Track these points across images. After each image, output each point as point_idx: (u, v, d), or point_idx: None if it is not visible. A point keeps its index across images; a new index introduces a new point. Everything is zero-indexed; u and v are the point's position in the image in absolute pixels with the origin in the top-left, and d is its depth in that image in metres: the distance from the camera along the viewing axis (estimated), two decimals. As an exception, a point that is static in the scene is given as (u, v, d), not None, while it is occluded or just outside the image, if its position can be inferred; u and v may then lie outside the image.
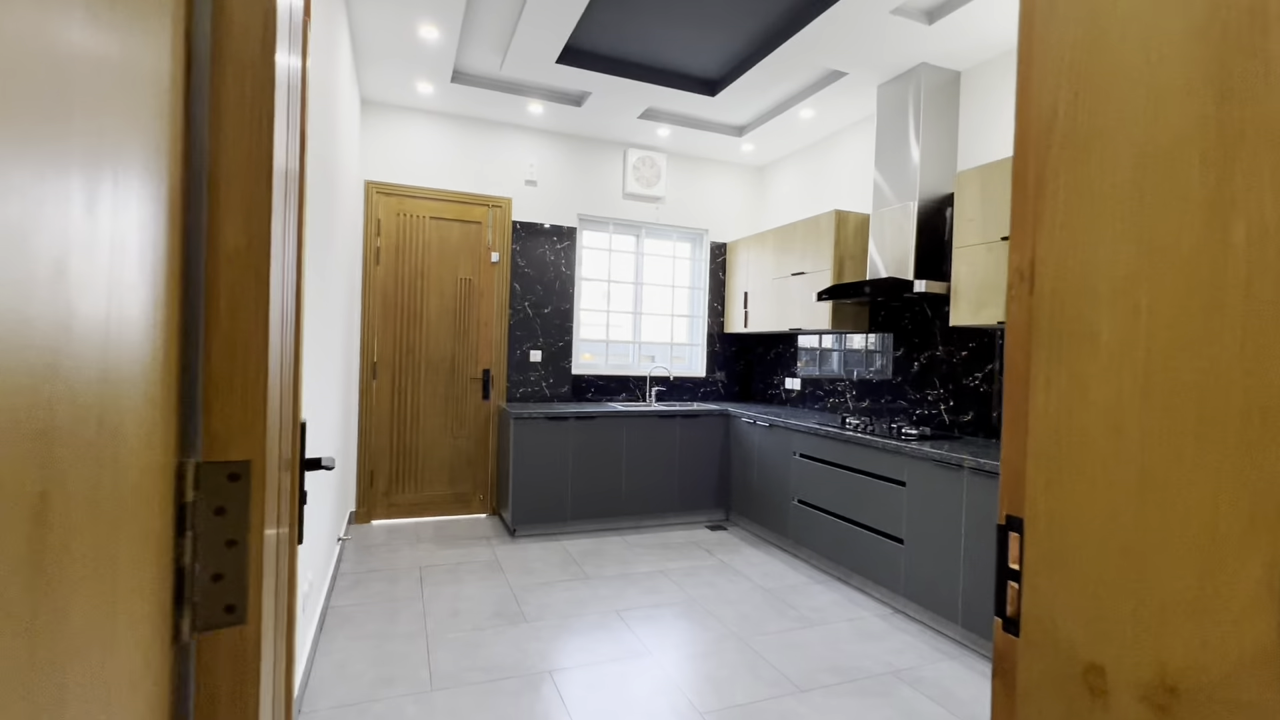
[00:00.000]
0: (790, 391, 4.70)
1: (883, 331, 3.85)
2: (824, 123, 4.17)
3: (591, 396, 4.65)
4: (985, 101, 3.22)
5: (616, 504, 4.11)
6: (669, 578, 3.30)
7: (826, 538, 3.40)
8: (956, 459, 2.61)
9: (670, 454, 4.25)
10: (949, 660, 2.51)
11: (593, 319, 4.77)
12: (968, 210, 2.93)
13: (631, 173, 4.70)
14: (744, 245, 4.78)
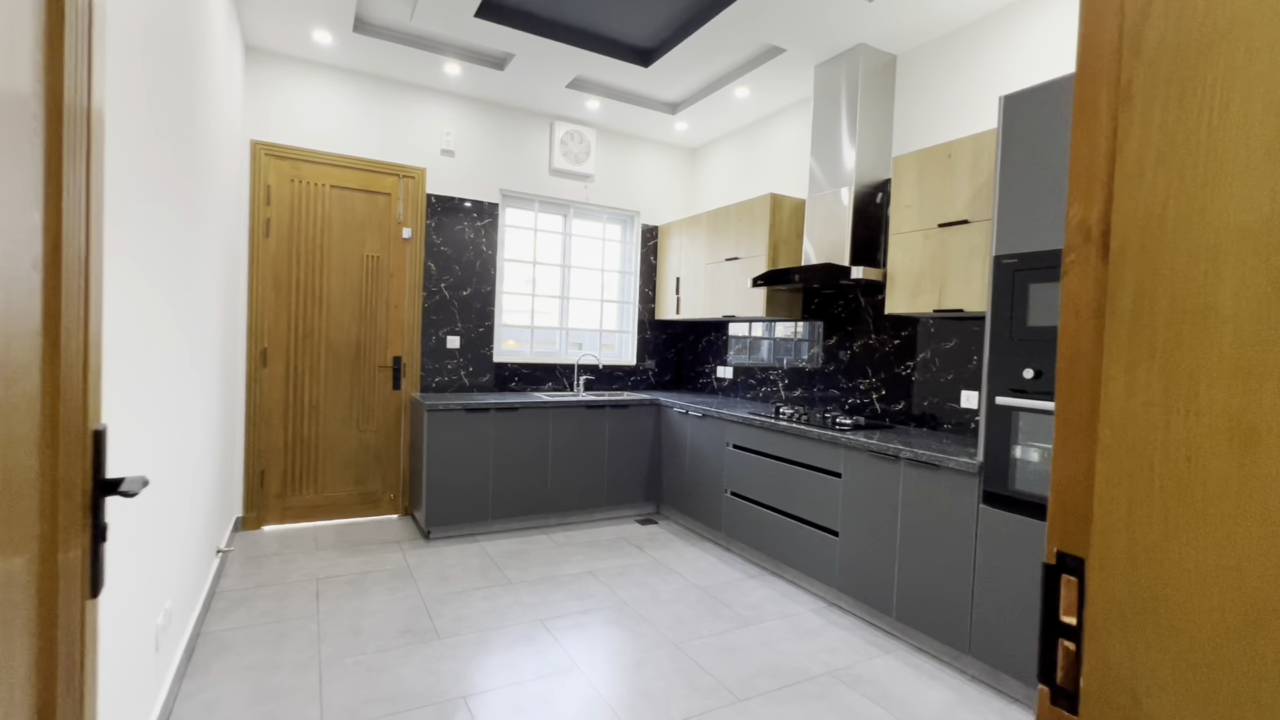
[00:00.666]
0: (722, 380, 4.60)
1: (815, 319, 3.79)
2: (760, 103, 4.04)
3: (515, 386, 4.36)
4: (920, 87, 3.18)
5: (542, 500, 3.86)
6: (599, 579, 3.10)
7: (760, 531, 3.31)
8: (893, 450, 2.55)
9: (599, 446, 4.04)
10: (884, 655, 2.45)
11: (517, 303, 4.46)
12: (905, 196, 2.87)
13: (559, 148, 4.40)
14: (676, 229, 4.61)
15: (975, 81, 2.91)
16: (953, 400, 2.97)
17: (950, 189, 2.66)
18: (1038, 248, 2.08)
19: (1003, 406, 2.17)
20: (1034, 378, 2.08)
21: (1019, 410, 2.12)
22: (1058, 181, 2.03)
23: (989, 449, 2.22)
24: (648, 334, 4.89)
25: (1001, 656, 2.17)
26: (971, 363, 2.88)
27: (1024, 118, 2.14)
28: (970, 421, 2.88)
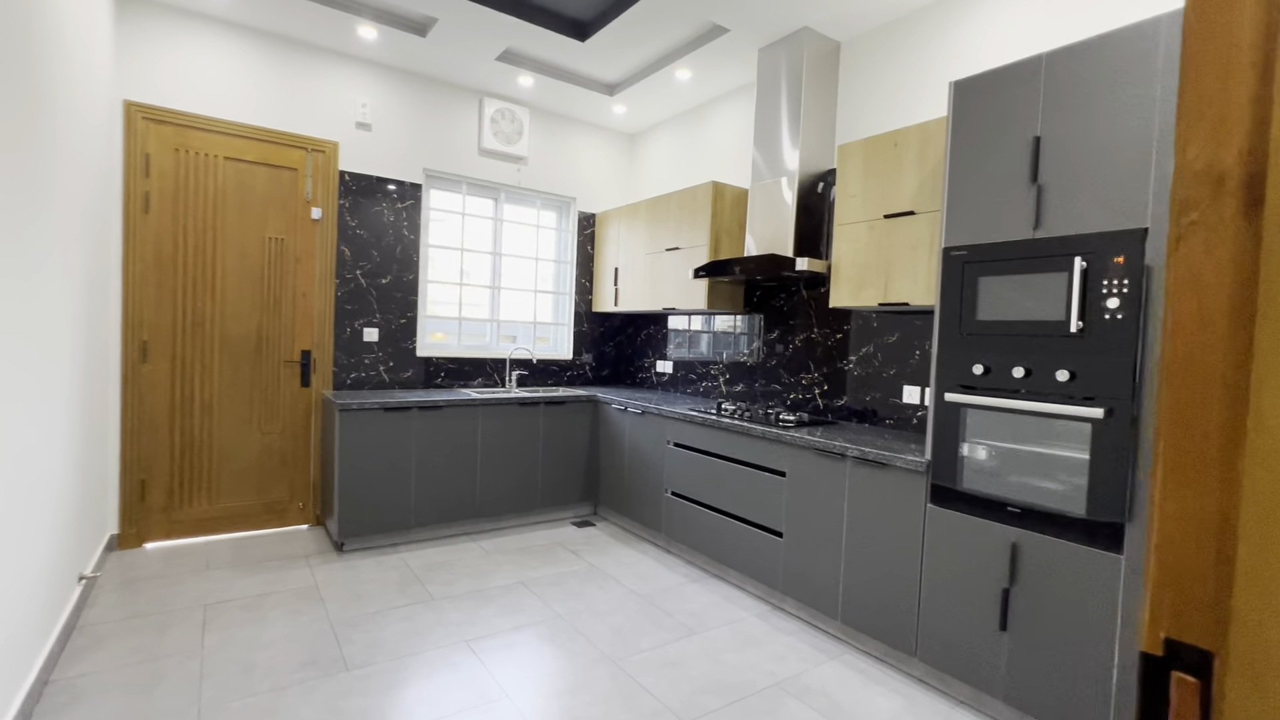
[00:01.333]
0: (662, 375, 4.45)
1: (757, 312, 3.69)
2: (702, 87, 3.89)
3: (442, 382, 4.04)
4: (864, 76, 3.11)
5: (471, 505, 3.59)
6: (531, 590, 2.88)
7: (702, 532, 3.18)
8: (839, 448, 2.47)
9: (533, 445, 3.80)
10: (831, 661, 2.37)
11: (443, 293, 4.14)
12: (850, 186, 2.78)
13: (489, 126, 4.10)
14: (615, 217, 4.41)
15: (920, 70, 2.86)
16: (895, 396, 2.92)
17: (896, 179, 2.59)
18: (988, 239, 2.02)
19: (952, 403, 2.11)
20: (984, 373, 2.02)
21: (968, 407, 2.06)
22: (1009, 171, 1.97)
23: (937, 446, 2.15)
24: (585, 326, 4.67)
25: (948, 659, 2.11)
26: (914, 357, 2.84)
27: (975, 104, 2.06)
28: (912, 417, 2.84)
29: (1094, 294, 1.76)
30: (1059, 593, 1.84)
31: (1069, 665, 1.81)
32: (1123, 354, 1.71)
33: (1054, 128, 1.86)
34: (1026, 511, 1.91)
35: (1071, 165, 1.82)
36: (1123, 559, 1.71)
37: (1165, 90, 1.64)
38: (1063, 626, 1.83)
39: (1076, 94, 1.82)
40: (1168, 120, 1.64)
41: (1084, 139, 1.80)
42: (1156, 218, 1.65)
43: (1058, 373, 1.83)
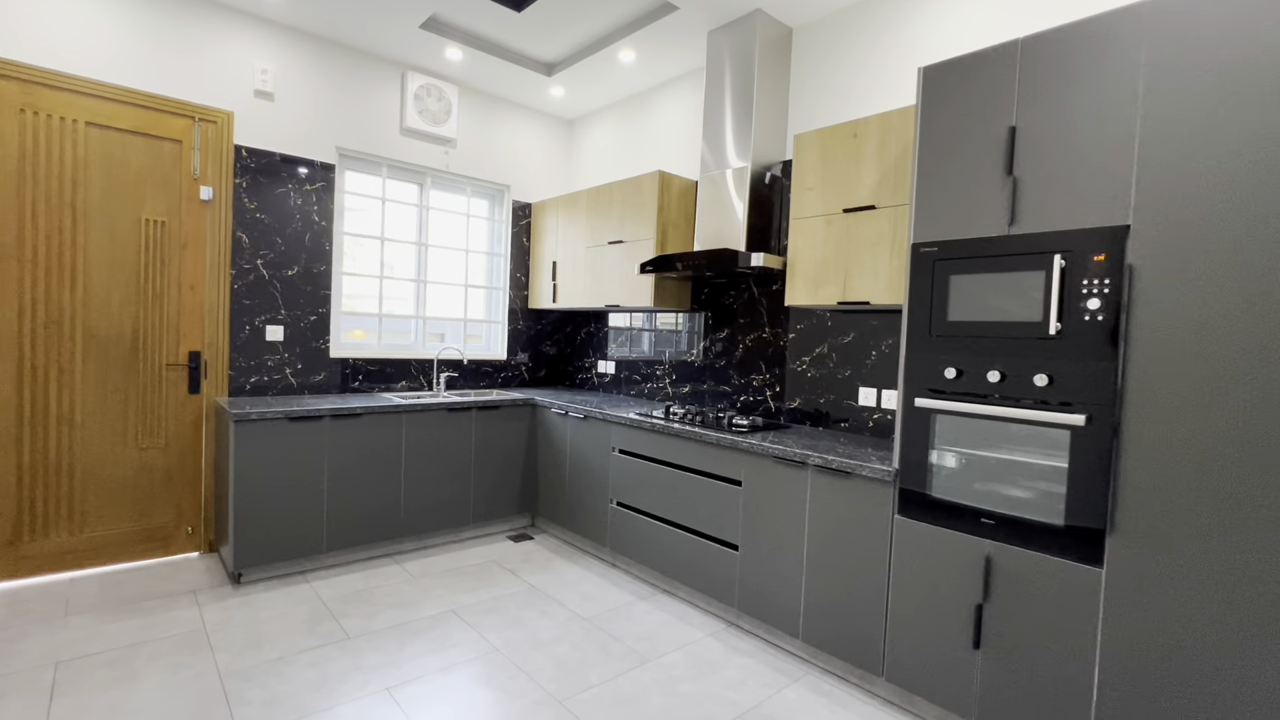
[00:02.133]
0: (604, 376, 4.21)
1: (705, 310, 3.52)
2: (647, 71, 3.67)
3: (360, 386, 3.64)
4: (818, 64, 2.98)
5: (394, 522, 3.22)
6: (464, 619, 2.58)
7: (651, 545, 2.97)
8: (800, 455, 2.32)
9: (464, 454, 3.47)
10: (793, 684, 2.21)
11: (362, 287, 3.73)
12: (806, 178, 2.64)
13: (413, 103, 3.72)
14: (553, 207, 4.12)
15: (878, 59, 2.75)
16: (850, 398, 2.82)
17: (856, 171, 2.47)
18: (960, 235, 1.91)
19: (921, 409, 1.99)
20: (956, 377, 1.91)
21: (939, 413, 1.95)
22: (982, 163, 1.86)
23: (905, 454, 2.03)
24: (520, 324, 4.36)
25: (918, 679, 2.00)
26: (870, 358, 2.74)
27: (946, 92, 1.95)
28: (869, 420, 2.74)
29: (1073, 294, 1.67)
30: (1036, 609, 1.74)
31: (1046, 686, 1.72)
32: (1104, 358, 1.62)
33: (1031, 118, 1.76)
34: (1001, 523, 1.81)
35: (1049, 158, 1.73)
36: (1103, 573, 1.62)
37: (1149, 80, 1.56)
38: (1039, 644, 1.74)
39: (1055, 82, 1.72)
40: (1151, 111, 1.55)
41: (1063, 130, 1.70)
42: (1139, 214, 1.57)
43: (1035, 377, 1.73)
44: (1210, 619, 1.46)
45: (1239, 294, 1.43)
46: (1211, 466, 1.46)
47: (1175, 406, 1.51)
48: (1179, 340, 1.51)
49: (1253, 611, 1.41)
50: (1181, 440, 1.50)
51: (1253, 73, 1.42)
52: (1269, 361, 1.39)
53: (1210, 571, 1.46)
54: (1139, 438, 1.57)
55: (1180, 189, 1.51)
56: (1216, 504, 1.46)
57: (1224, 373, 1.45)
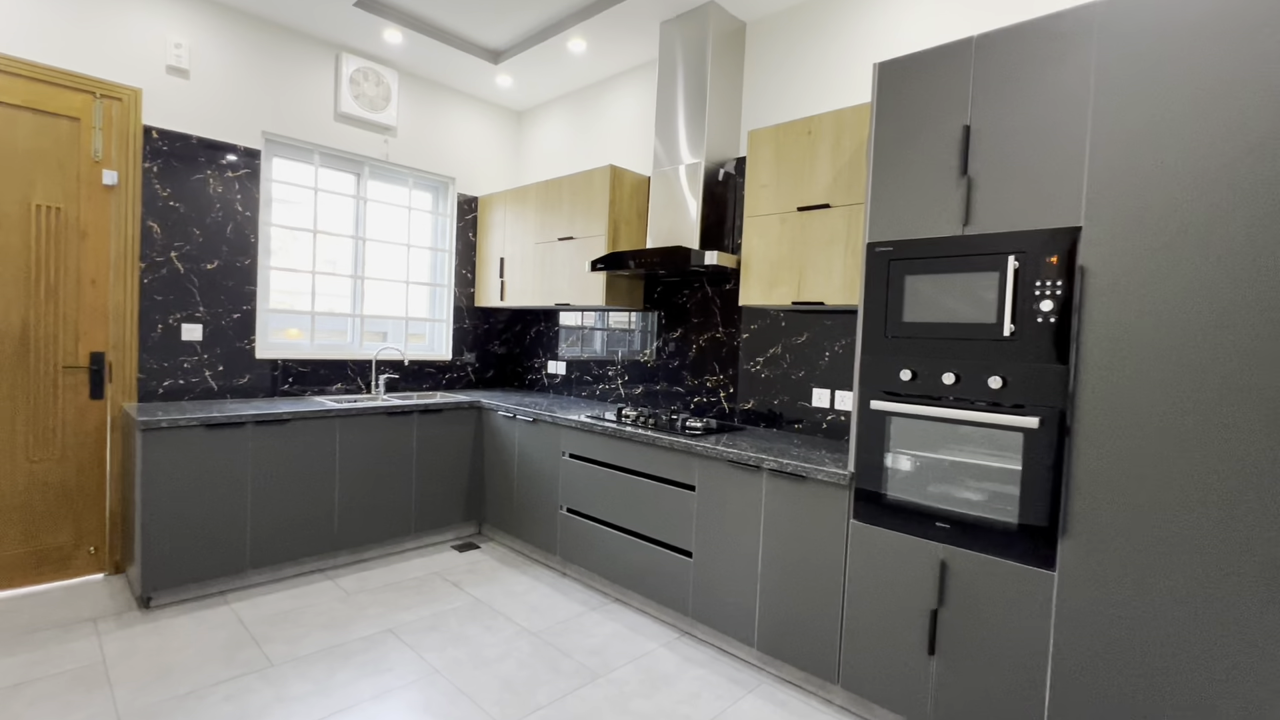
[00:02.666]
0: (554, 376, 4.08)
1: (658, 309, 3.44)
2: (598, 62, 3.55)
3: (291, 389, 3.39)
4: (772, 60, 2.93)
5: (327, 535, 3.01)
6: (402, 639, 2.41)
7: (602, 553, 2.87)
8: (755, 459, 2.26)
9: (405, 460, 3.28)
10: (749, 695, 2.15)
11: (294, 283, 3.48)
12: (761, 175, 2.59)
13: (348, 87, 3.49)
14: (500, 201, 3.96)
15: (833, 55, 2.72)
16: (804, 399, 2.78)
17: (810, 169, 2.42)
18: (915, 235, 1.88)
19: (877, 411, 1.95)
20: (911, 379, 1.88)
21: (894, 415, 1.92)
22: (937, 162, 1.83)
23: (860, 458, 1.99)
24: (466, 323, 4.18)
25: (873, 686, 1.97)
26: (824, 359, 2.71)
27: (901, 89, 1.91)
28: (822, 421, 2.72)
29: (1026, 296, 1.66)
30: (990, 614, 1.73)
31: (1000, 690, 1.71)
32: (1056, 360, 1.61)
33: (985, 117, 1.74)
34: (956, 526, 1.79)
35: (1003, 157, 1.71)
36: (1055, 575, 1.62)
37: (1100, 81, 1.55)
38: (994, 650, 1.72)
39: (1009, 81, 1.70)
40: (1102, 112, 1.55)
41: (1016, 130, 1.68)
42: (1090, 216, 1.57)
43: (990, 379, 1.71)
44: (1162, 620, 1.47)
45: (1186, 296, 1.44)
46: (1160, 469, 1.47)
47: (1125, 409, 1.51)
48: (1128, 343, 1.51)
49: (1204, 612, 1.42)
50: (1131, 442, 1.50)
51: (1201, 75, 1.42)
52: (1218, 363, 1.40)
53: (1160, 573, 1.47)
54: (1090, 440, 1.56)
55: (1129, 190, 1.51)
56: (1166, 507, 1.46)
57: (1172, 376, 1.45)
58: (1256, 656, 1.36)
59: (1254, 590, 1.36)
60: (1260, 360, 1.35)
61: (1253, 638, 1.36)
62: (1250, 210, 1.36)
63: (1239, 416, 1.37)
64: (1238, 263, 1.37)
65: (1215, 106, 1.40)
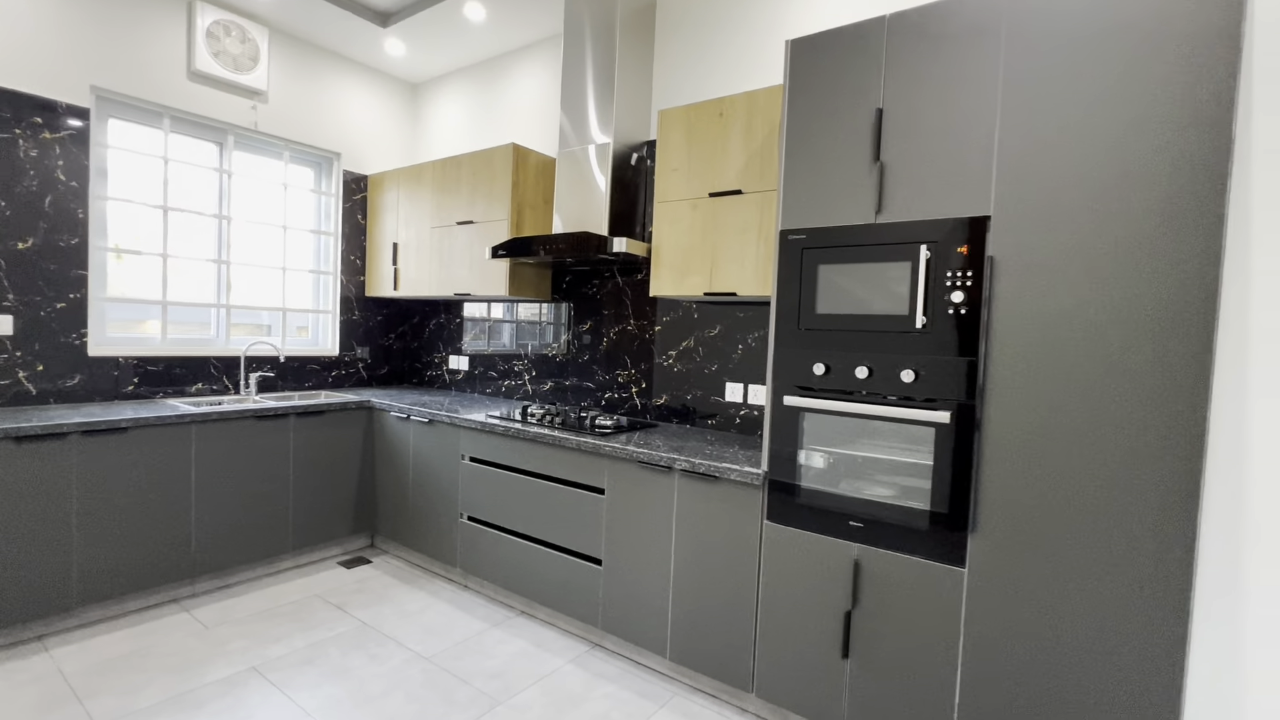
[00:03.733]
0: (455, 372, 3.78)
1: (567, 300, 3.24)
2: (501, 33, 3.28)
3: (139, 390, 2.91)
4: (683, 38, 2.80)
5: (183, 559, 2.60)
6: (268, 678, 2.10)
7: (507, 563, 2.65)
8: (666, 460, 2.12)
9: (280, 469, 2.91)
10: (660, 710, 2.03)
11: (134, 267, 2.98)
12: (672, 158, 2.45)
13: (205, 43, 3.02)
14: (393, 181, 3.60)
15: (746, 35, 2.62)
16: (717, 393, 2.69)
17: (722, 153, 2.31)
18: (829, 222, 1.80)
19: (790, 407, 1.86)
20: (824, 374, 1.80)
21: (807, 411, 1.83)
22: (851, 146, 1.75)
23: (774, 456, 1.90)
24: (356, 314, 3.79)
25: (788, 692, 1.89)
26: (736, 352, 2.62)
27: (814, 68, 1.82)
28: (735, 416, 2.63)
29: (938, 287, 1.61)
30: (903, 613, 1.68)
31: (912, 690, 1.67)
32: (967, 353, 1.57)
33: (897, 100, 1.68)
34: (870, 525, 1.73)
35: (915, 143, 1.65)
36: (965, 572, 1.59)
37: (1008, 68, 1.52)
38: (906, 650, 1.68)
39: (920, 63, 1.64)
40: (1012, 100, 1.51)
41: (928, 115, 1.63)
42: (999, 205, 1.53)
43: (903, 373, 1.66)
44: (1065, 613, 1.46)
45: (1090, 288, 1.42)
46: (1062, 462, 1.45)
47: (1030, 403, 1.49)
48: (1035, 335, 1.49)
49: (1107, 603, 1.42)
50: (1038, 437, 1.48)
51: (1107, 64, 1.40)
52: (1125, 355, 1.39)
53: (1064, 566, 1.46)
54: (999, 435, 1.53)
55: (1036, 180, 1.48)
56: (1069, 500, 1.45)
57: (1077, 368, 1.44)
58: (1150, 656, 1.37)
59: (1139, 585, 1.37)
60: (1140, 352, 1.35)
61: (1143, 634, 1.37)
62: (1150, 207, 1.36)
63: (1123, 407, 1.37)
64: (1134, 258, 1.37)
65: (1121, 105, 1.39)
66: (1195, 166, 1.31)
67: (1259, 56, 1.23)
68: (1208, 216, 1.30)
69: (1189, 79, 1.31)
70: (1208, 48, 1.30)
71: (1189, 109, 1.31)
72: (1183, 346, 1.32)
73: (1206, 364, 1.30)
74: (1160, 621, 1.36)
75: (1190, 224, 1.32)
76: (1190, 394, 1.32)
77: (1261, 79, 1.22)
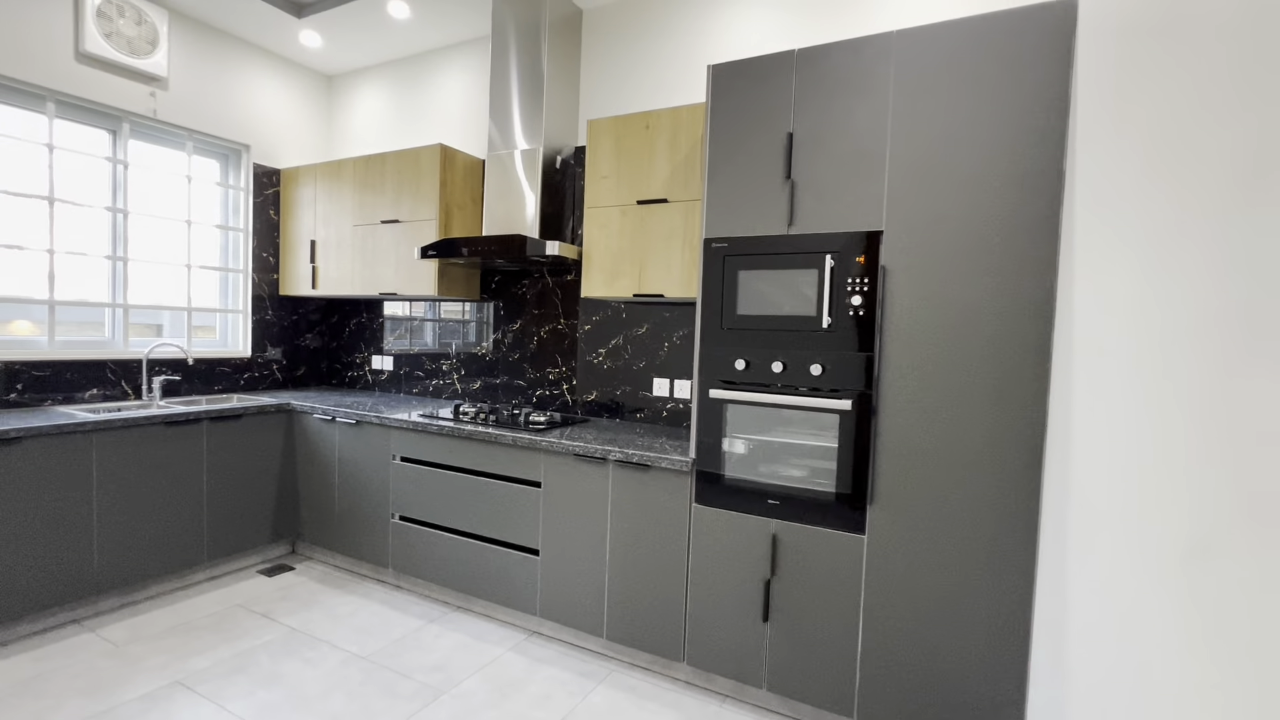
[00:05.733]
0: (380, 373, 3.73)
1: (497, 299, 3.29)
2: (425, 31, 3.27)
3: (22, 398, 2.68)
4: (610, 51, 2.93)
5: (85, 577, 2.44)
6: (196, 690, 2.04)
7: (441, 560, 2.69)
8: (601, 451, 2.26)
9: (192, 478, 2.78)
10: (599, 686, 2.16)
11: (19, 264, 2.74)
12: (601, 166, 2.57)
13: (95, 22, 2.82)
14: (310, 176, 3.50)
15: (670, 53, 2.78)
16: (645, 389, 2.85)
17: (649, 163, 2.46)
18: (748, 232, 1.99)
19: (715, 399, 2.05)
20: (745, 368, 2.00)
21: (730, 403, 2.03)
22: (766, 165, 1.95)
23: (701, 444, 2.09)
24: (270, 314, 3.64)
25: (715, 658, 2.08)
26: (663, 349, 2.79)
27: (733, 92, 2.01)
28: (662, 410, 2.80)
29: (840, 291, 1.84)
30: (813, 578, 1.91)
31: (822, 646, 1.90)
32: (864, 349, 1.81)
33: (805, 124, 1.89)
34: (785, 502, 1.94)
35: (820, 164, 1.87)
36: (865, 539, 1.83)
37: (898, 100, 1.76)
38: (817, 610, 1.91)
39: (823, 94, 1.86)
40: (901, 128, 1.76)
41: (831, 139, 1.85)
42: (890, 220, 1.78)
43: (812, 367, 1.88)
44: (941, 565, 1.73)
45: (957, 293, 1.69)
46: (939, 440, 1.72)
47: (914, 390, 1.75)
48: (917, 332, 1.75)
49: (969, 560, 1.70)
50: (918, 419, 1.75)
51: (975, 99, 1.67)
52: (998, 353, 1.67)
53: (939, 529, 1.73)
54: (889, 418, 1.79)
55: (919, 199, 1.74)
56: (944, 471, 1.72)
57: (951, 361, 1.71)
58: (1003, 607, 1.66)
59: (992, 542, 1.66)
60: (999, 345, 1.64)
61: (994, 588, 1.66)
62: (1015, 220, 1.64)
63: (983, 393, 1.65)
64: (1003, 264, 1.65)
65: (991, 133, 1.66)
66: (1038, 181, 1.60)
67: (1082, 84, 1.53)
68: (1045, 226, 1.59)
69: (1030, 103, 1.60)
70: (1047, 77, 1.59)
71: (1034, 131, 1.60)
72: (1027, 346, 1.61)
73: (1046, 359, 1.60)
74: (1009, 576, 1.65)
75: (1032, 233, 1.61)
76: (1035, 383, 1.61)
77: (1084, 111, 1.52)
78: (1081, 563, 1.57)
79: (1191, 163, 1.44)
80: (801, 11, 2.47)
